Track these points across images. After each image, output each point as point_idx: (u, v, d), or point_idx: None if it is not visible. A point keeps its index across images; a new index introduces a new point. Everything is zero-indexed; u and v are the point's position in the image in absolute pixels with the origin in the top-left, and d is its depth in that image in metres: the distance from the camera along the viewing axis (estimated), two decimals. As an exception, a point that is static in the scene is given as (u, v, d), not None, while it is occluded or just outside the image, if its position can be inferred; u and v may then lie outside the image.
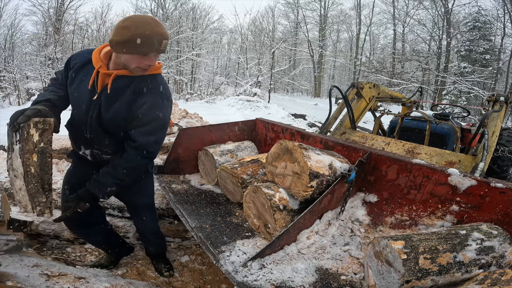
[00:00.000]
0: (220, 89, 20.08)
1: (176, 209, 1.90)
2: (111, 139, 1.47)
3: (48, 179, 1.27)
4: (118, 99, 1.37)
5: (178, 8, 20.22)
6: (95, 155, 1.53)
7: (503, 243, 1.14)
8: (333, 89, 3.06)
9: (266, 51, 20.67)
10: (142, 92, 1.39)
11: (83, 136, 1.46)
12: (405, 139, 2.94)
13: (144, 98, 1.38)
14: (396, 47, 22.73)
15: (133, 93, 1.38)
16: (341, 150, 1.92)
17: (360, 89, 3.39)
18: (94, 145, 1.49)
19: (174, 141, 2.36)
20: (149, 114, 1.39)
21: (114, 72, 1.33)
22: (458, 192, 1.41)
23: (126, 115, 1.39)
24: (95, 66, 1.34)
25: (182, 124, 4.28)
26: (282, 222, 1.53)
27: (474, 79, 16.75)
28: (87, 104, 1.38)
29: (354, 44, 26.62)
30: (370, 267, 1.22)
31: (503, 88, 17.94)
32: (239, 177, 1.96)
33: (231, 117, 9.29)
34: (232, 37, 26.92)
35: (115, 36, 1.21)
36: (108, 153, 1.52)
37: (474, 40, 17.64)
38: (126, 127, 1.43)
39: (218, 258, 1.38)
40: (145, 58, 1.27)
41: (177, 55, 17.85)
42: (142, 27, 1.19)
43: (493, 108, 2.61)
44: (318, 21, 26.22)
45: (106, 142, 1.47)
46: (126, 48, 1.22)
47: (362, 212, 1.71)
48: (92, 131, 1.43)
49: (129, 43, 1.20)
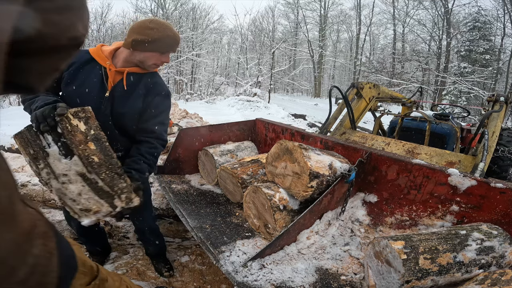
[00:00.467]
0: (220, 89, 20.09)
1: (176, 209, 1.90)
2: (121, 134, 1.51)
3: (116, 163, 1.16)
4: (133, 94, 1.47)
5: (178, 8, 20.23)
6: None
7: (503, 243, 1.15)
8: (333, 89, 3.06)
9: (266, 51, 20.69)
10: (152, 86, 1.52)
11: None
12: (405, 139, 2.94)
13: (155, 91, 1.52)
14: (396, 47, 22.74)
15: (145, 88, 1.50)
16: (341, 150, 1.93)
17: (360, 89, 3.39)
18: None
19: (174, 141, 2.36)
20: (162, 105, 1.55)
21: (127, 69, 1.43)
22: (458, 192, 1.41)
23: (141, 109, 1.49)
24: (103, 64, 1.41)
25: (182, 124, 4.28)
26: (282, 222, 1.53)
27: (474, 79, 16.76)
28: (97, 101, 1.41)
29: (354, 44, 26.63)
30: (370, 267, 1.22)
31: (503, 88, 17.95)
32: (239, 177, 1.96)
33: (231, 117, 9.29)
34: (232, 37, 26.93)
35: (139, 35, 1.35)
36: (119, 149, 1.53)
37: (474, 40, 17.66)
38: (138, 120, 1.52)
39: (218, 258, 1.38)
40: (163, 56, 1.44)
41: (177, 55, 17.86)
42: (167, 29, 1.39)
43: (493, 108, 2.61)
44: (318, 21, 26.24)
45: (117, 138, 1.50)
46: (150, 46, 1.37)
47: (362, 212, 1.71)
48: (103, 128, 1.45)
49: (154, 42, 1.36)
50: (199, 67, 20.27)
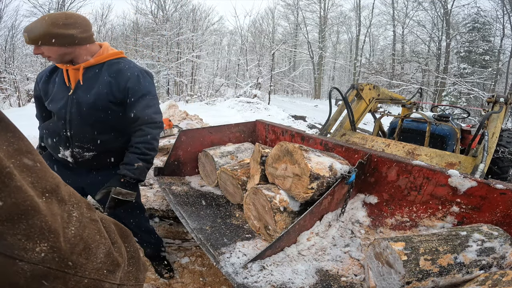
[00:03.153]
0: (220, 91, 20.09)
1: (176, 211, 1.89)
2: (93, 131, 1.48)
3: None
4: (96, 83, 1.45)
5: (178, 10, 20.25)
6: (75, 154, 1.50)
7: (504, 244, 1.14)
8: (333, 91, 3.07)
9: (266, 52, 20.70)
10: (120, 70, 1.48)
11: (62, 136, 1.47)
12: (405, 141, 2.94)
13: (123, 79, 1.46)
14: (396, 48, 22.77)
15: (109, 75, 1.46)
16: (341, 151, 1.93)
17: (360, 90, 3.40)
18: (75, 142, 1.48)
19: (174, 142, 2.36)
20: (138, 89, 1.48)
21: (82, 64, 1.43)
22: (458, 193, 1.41)
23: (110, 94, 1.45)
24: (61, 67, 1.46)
25: (182, 125, 4.27)
26: (283, 224, 1.53)
27: (473, 80, 16.77)
28: (64, 102, 1.45)
29: (354, 45, 26.68)
30: (371, 269, 1.22)
31: (503, 89, 17.95)
32: (239, 178, 1.96)
33: (231, 119, 9.29)
34: (232, 38, 26.97)
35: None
36: (90, 149, 1.50)
37: (473, 41, 17.67)
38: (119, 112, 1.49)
39: (218, 259, 1.38)
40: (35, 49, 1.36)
41: (177, 56, 17.87)
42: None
43: (493, 109, 2.61)
44: (318, 22, 26.30)
45: (88, 136, 1.48)
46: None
47: (362, 214, 1.71)
48: (72, 127, 1.45)
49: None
50: (199, 69, 20.27)
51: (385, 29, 24.94)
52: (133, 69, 1.50)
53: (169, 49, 17.51)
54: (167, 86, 17.75)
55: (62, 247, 0.31)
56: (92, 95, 1.43)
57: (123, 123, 1.53)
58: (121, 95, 1.47)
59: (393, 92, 4.27)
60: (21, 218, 0.27)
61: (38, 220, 0.28)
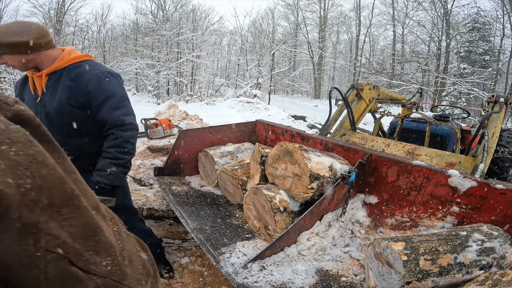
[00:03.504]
0: (220, 91, 20.10)
1: (176, 211, 1.90)
2: (64, 137, 1.48)
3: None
4: (58, 89, 1.45)
5: (178, 10, 20.24)
6: None
7: (504, 244, 1.14)
8: (333, 91, 3.07)
9: (266, 52, 20.71)
10: (79, 74, 1.46)
11: None
12: (405, 141, 2.94)
13: (85, 77, 1.45)
14: (396, 48, 22.76)
15: (70, 79, 1.45)
16: (341, 151, 1.93)
17: (360, 90, 3.40)
18: None
19: (174, 142, 2.36)
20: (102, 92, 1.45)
21: (44, 71, 1.44)
22: (458, 193, 1.41)
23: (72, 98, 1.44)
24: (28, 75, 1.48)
25: (182, 125, 4.27)
26: (283, 224, 1.53)
27: (473, 80, 16.76)
28: (34, 110, 1.46)
29: (354, 45, 26.67)
30: (371, 269, 1.22)
31: (503, 89, 17.95)
32: (239, 178, 1.96)
33: (231, 119, 9.29)
34: (232, 38, 26.96)
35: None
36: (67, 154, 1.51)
37: (473, 41, 17.66)
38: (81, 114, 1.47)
39: (218, 259, 1.38)
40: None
41: (177, 56, 17.86)
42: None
43: (493, 109, 2.61)
44: (318, 22, 26.28)
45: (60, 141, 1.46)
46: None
47: (362, 214, 1.71)
48: None
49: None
50: (199, 69, 20.26)
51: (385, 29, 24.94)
52: (94, 71, 1.47)
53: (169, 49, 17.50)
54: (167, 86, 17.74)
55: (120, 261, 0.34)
56: (55, 101, 1.44)
57: (97, 127, 1.52)
58: (84, 98, 1.45)
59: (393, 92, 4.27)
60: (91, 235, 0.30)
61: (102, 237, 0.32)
